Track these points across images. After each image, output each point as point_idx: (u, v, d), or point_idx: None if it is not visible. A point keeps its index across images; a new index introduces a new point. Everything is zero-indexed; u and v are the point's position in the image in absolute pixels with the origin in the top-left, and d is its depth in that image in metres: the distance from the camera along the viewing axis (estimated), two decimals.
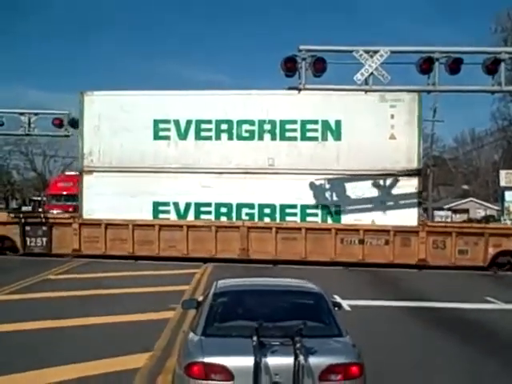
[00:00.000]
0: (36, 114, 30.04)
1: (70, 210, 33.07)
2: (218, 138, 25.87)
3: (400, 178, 25.12)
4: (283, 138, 25.67)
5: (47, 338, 11.40)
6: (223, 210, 25.65)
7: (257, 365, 5.98)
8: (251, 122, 25.76)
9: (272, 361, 6.08)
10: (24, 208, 63.88)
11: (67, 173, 54.52)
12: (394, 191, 25.28)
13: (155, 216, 25.88)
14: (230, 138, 25.80)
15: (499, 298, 17.32)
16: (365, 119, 25.16)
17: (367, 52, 19.62)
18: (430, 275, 23.04)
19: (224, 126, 25.82)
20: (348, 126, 25.41)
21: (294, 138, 25.64)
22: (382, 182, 25.29)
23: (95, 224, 25.49)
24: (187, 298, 11.93)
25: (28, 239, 25.89)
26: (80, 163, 26.91)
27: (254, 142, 25.73)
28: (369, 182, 25.19)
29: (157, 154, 25.90)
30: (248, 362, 5.99)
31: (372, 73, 19.63)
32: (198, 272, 21.41)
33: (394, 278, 21.98)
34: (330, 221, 25.40)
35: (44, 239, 25.83)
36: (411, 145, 25.31)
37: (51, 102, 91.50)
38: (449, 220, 54.41)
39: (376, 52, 19.62)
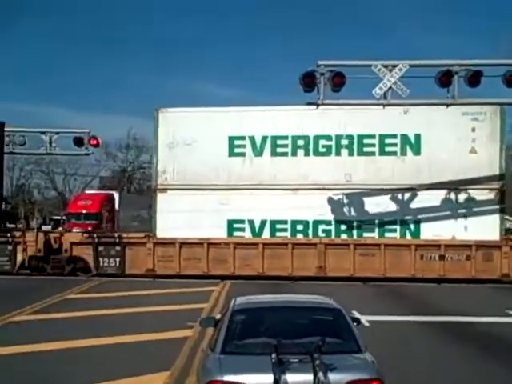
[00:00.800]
0: (57, 133, 30.52)
1: (89, 228, 33.08)
2: (294, 154, 25.60)
3: (481, 191, 24.72)
4: (361, 153, 25.36)
5: (66, 357, 11.38)
6: (299, 227, 25.39)
7: (276, 382, 5.88)
8: (328, 138, 25.52)
9: (291, 378, 5.96)
10: (44, 227, 64.47)
11: (87, 191, 54.86)
12: (475, 205, 24.82)
13: (230, 234, 25.63)
14: (307, 153, 25.54)
15: None
16: (445, 133, 24.79)
17: (386, 66, 19.61)
18: None
19: (300, 142, 25.58)
20: (428, 140, 25.06)
21: (372, 153, 25.34)
22: (462, 195, 24.85)
23: (169, 243, 25.17)
24: (205, 316, 11.82)
25: (101, 259, 25.52)
26: (154, 181, 26.74)
27: (331, 158, 25.48)
28: (448, 197, 24.81)
29: (231, 171, 25.63)
30: (267, 379, 5.89)
31: (390, 87, 19.57)
32: None
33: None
34: (408, 236, 25.10)
35: (117, 259, 25.45)
36: (493, 159, 24.81)
37: (76, 121, 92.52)
38: None
39: (395, 66, 19.59)
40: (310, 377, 5.89)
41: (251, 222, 25.47)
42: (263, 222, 25.39)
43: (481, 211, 24.64)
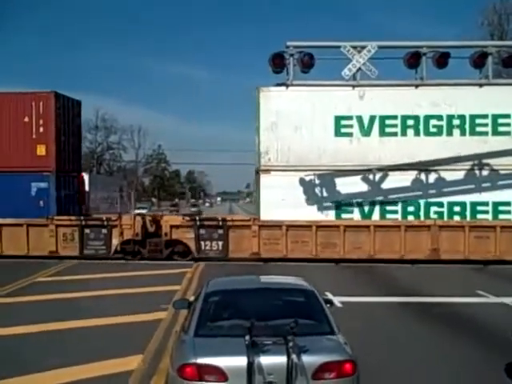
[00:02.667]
0: None
1: None
2: (403, 134, 24.82)
3: None
4: (473, 133, 24.55)
5: (37, 341, 11.30)
6: (410, 209, 24.80)
7: (250, 365, 5.96)
8: (439, 117, 24.64)
9: (265, 360, 6.04)
10: None
11: None
12: None
13: (338, 216, 25.04)
14: (417, 133, 24.77)
15: None
16: None
17: (355, 47, 19.65)
18: None
19: (410, 122, 24.76)
20: None
21: (485, 133, 24.51)
22: None
23: (276, 226, 24.47)
24: (177, 299, 11.85)
25: (203, 243, 24.98)
26: (257, 162, 25.89)
27: (441, 138, 24.65)
28: None
29: (338, 152, 24.81)
30: (241, 361, 5.97)
31: (360, 68, 19.66)
32: None
33: None
34: None
35: (220, 243, 24.86)
36: None
37: None
38: None
39: (363, 47, 19.64)
40: (283, 359, 5.97)
41: (360, 205, 24.89)
42: (372, 204, 24.83)
43: None
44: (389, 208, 24.71)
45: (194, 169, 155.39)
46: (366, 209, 24.74)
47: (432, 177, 24.30)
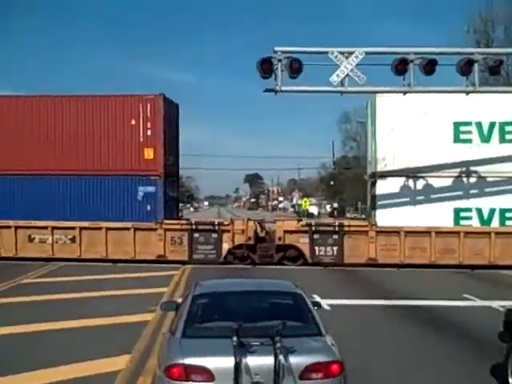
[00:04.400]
0: None
1: None
2: None
3: None
4: None
5: (24, 341, 11.32)
6: None
7: (237, 365, 6.00)
8: None
9: (252, 361, 6.09)
10: None
11: None
12: None
13: (456, 222, 24.86)
14: None
15: None
16: None
17: (342, 53, 19.68)
18: None
19: None
20: None
21: None
22: None
23: (393, 232, 24.42)
24: (165, 301, 11.93)
25: (317, 248, 24.84)
26: (373, 168, 25.98)
27: None
28: None
29: (457, 158, 24.70)
30: (228, 362, 6.01)
31: (348, 74, 19.77)
32: None
33: None
34: None
35: (335, 248, 24.75)
36: None
37: None
38: None
39: (351, 53, 19.68)
40: (270, 360, 6.01)
41: (479, 211, 24.71)
42: (492, 211, 24.61)
43: None
44: (508, 215, 24.64)
45: (182, 174, 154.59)
46: (486, 215, 24.68)
47: None
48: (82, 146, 25.58)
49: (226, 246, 24.93)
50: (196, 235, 24.92)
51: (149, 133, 25.42)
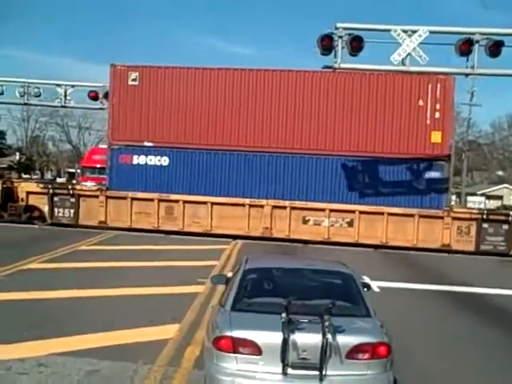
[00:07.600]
0: (72, 86, 30.57)
1: (103, 182, 33.57)
2: None
3: None
4: None
5: (82, 305, 11.66)
6: None
7: (285, 341, 6.03)
8: None
9: (300, 338, 6.12)
10: (59, 179, 64.66)
11: (101, 146, 55.10)
12: None
13: None
14: None
15: None
16: None
17: (405, 31, 19.13)
18: None
19: None
20: None
21: None
22: None
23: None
24: (216, 274, 12.04)
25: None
26: None
27: None
28: None
29: None
30: (276, 337, 6.06)
31: (409, 53, 19.31)
32: None
33: None
34: None
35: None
36: None
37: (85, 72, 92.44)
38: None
39: (414, 32, 19.10)
40: (318, 338, 6.03)
41: None
42: None
43: None
44: None
45: None
46: None
47: None
48: (359, 127, 25.06)
49: None
50: (485, 226, 24.29)
51: (437, 115, 24.56)
